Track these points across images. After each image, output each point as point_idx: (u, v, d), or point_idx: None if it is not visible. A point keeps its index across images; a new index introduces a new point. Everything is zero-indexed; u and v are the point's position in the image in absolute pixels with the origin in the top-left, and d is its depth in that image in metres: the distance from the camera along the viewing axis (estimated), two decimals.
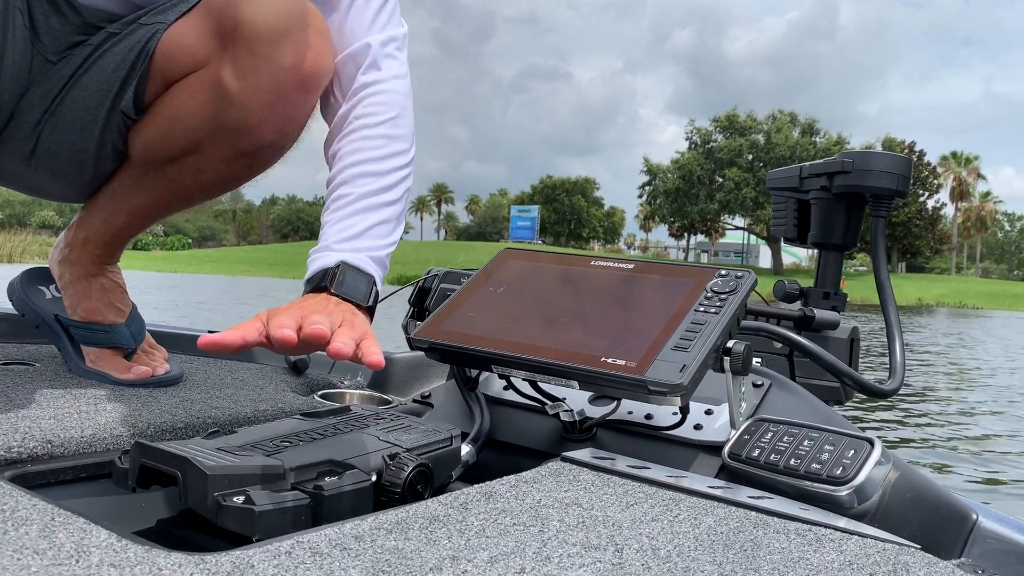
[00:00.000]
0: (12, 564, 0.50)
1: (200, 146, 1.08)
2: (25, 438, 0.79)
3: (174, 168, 1.11)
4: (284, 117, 1.06)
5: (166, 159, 1.11)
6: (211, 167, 1.11)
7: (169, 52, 1.04)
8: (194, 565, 0.52)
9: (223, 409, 1.00)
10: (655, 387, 0.80)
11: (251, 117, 1.04)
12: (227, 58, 1.02)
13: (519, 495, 0.71)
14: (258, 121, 1.05)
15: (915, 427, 4.91)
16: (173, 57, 1.04)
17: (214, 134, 1.06)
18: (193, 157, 1.10)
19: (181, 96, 1.06)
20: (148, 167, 1.12)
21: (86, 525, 0.57)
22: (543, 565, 0.56)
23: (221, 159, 1.10)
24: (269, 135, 1.07)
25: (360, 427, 0.84)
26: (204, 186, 1.14)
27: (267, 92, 1.03)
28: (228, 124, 1.04)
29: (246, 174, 1.15)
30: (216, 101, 1.04)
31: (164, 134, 1.08)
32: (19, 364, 1.14)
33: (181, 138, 1.07)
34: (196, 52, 1.04)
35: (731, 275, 0.92)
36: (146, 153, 1.10)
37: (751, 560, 0.59)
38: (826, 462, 0.77)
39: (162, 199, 1.14)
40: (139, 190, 1.13)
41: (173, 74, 1.06)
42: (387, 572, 0.53)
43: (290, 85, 1.03)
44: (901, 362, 1.23)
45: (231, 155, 1.09)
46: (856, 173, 1.33)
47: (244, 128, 1.05)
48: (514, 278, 1.03)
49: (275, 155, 1.13)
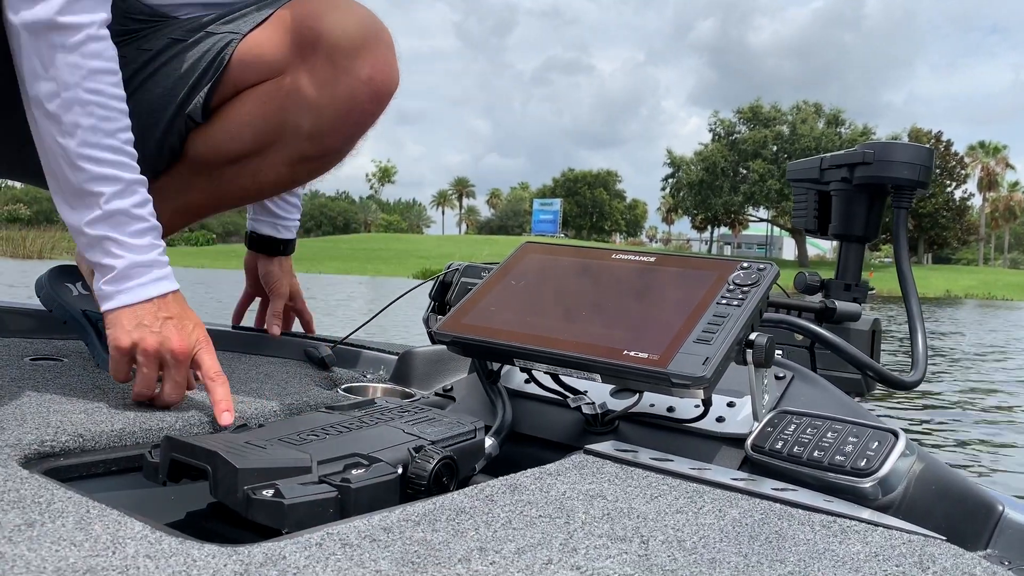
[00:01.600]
0: (51, 555, 0.51)
1: (265, 150, 1.14)
2: (57, 432, 0.80)
3: (232, 169, 1.16)
4: (355, 126, 1.13)
5: (227, 160, 1.15)
6: (272, 170, 1.16)
7: (245, 60, 1.09)
8: (227, 556, 0.53)
9: (249, 403, 1.01)
10: (678, 380, 0.80)
11: (324, 124, 1.10)
12: (305, 68, 1.09)
13: (544, 487, 0.71)
14: (330, 128, 1.11)
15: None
16: (249, 64, 1.10)
17: (283, 139, 1.12)
18: (255, 160, 1.15)
19: (255, 101, 1.12)
20: (204, 167, 1.17)
21: (121, 517, 0.59)
22: (570, 556, 0.57)
23: (284, 163, 1.15)
24: (338, 142, 1.14)
25: (385, 420, 0.84)
26: (261, 187, 1.20)
27: (343, 101, 1.10)
28: (300, 130, 1.10)
29: (304, 178, 1.22)
30: (291, 108, 1.10)
31: (232, 137, 1.13)
32: (48, 360, 1.16)
33: (249, 141, 1.13)
34: (273, 61, 1.10)
35: (753, 267, 0.92)
36: (208, 154, 1.15)
37: (777, 552, 0.60)
38: (850, 454, 0.77)
39: (212, 198, 1.18)
40: (189, 189, 1.17)
41: (246, 81, 1.12)
42: (416, 563, 0.54)
43: (364, 96, 1.10)
44: (923, 354, 1.22)
45: (295, 159, 1.15)
46: (877, 164, 1.32)
47: (316, 135, 1.11)
48: (535, 271, 1.04)
49: (335, 161, 1.20)
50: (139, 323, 0.94)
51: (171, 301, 0.97)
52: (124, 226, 0.95)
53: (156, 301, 0.95)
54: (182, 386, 0.95)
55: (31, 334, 1.35)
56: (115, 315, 0.95)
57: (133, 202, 0.96)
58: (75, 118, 0.92)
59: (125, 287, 0.95)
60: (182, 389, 0.95)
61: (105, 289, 0.95)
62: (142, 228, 0.96)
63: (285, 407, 1.03)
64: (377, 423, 0.83)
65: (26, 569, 0.49)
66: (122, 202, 0.94)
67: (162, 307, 0.95)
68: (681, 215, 73.10)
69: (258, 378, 1.18)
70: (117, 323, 0.94)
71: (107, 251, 0.95)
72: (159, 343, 0.93)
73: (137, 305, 0.94)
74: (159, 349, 0.93)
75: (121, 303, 0.94)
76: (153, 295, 0.95)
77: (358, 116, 1.13)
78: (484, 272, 1.31)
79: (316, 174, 1.22)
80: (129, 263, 0.95)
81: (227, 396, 0.93)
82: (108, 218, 0.94)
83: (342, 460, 0.73)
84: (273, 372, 1.23)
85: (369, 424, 0.83)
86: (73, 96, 0.92)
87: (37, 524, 0.56)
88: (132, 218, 0.95)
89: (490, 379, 1.06)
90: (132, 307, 0.94)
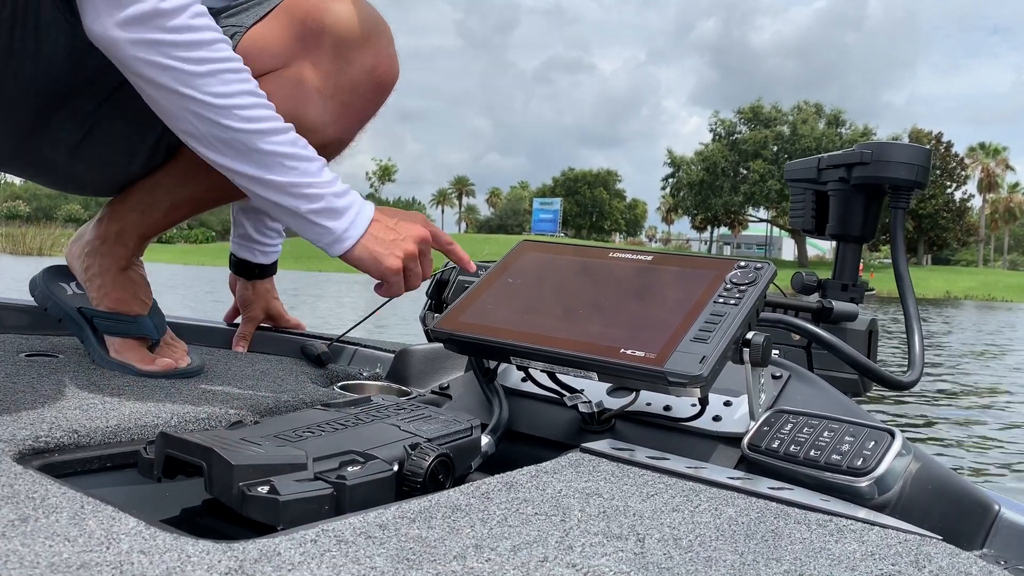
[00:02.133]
0: (45, 551, 0.51)
1: None
2: (52, 428, 0.80)
3: None
4: (357, 117, 1.16)
5: None
6: None
7: (250, 53, 1.09)
8: (222, 552, 0.52)
9: (245, 400, 1.01)
10: (675, 378, 0.80)
11: (328, 115, 1.13)
12: (310, 60, 1.11)
13: (540, 485, 0.71)
14: (334, 119, 1.14)
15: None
16: (253, 57, 1.10)
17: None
18: None
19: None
20: (205, 160, 1.16)
21: (115, 513, 0.58)
22: (566, 554, 0.56)
23: None
24: (340, 132, 1.16)
25: (381, 417, 0.84)
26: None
27: (346, 92, 1.13)
28: (304, 121, 1.11)
29: None
30: (295, 98, 1.11)
31: None
32: (43, 356, 1.15)
33: None
34: (278, 53, 1.12)
35: (750, 266, 0.92)
36: None
37: (772, 550, 0.60)
38: (846, 453, 0.77)
39: (211, 191, 1.19)
40: (187, 183, 1.18)
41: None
42: (412, 560, 0.54)
43: (368, 87, 1.14)
44: (920, 354, 1.22)
45: None
46: (875, 164, 1.32)
47: (319, 125, 1.13)
48: (532, 270, 1.03)
49: (336, 152, 1.22)
50: (390, 240, 1.03)
51: (380, 211, 1.05)
52: (322, 173, 1.00)
53: (376, 217, 1.04)
54: (431, 262, 1.10)
55: (27, 330, 1.35)
56: (363, 248, 1.02)
57: (311, 152, 1.01)
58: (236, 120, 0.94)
59: (348, 223, 1.01)
60: (431, 264, 1.10)
61: (335, 229, 1.00)
62: (321, 165, 1.01)
63: (281, 404, 1.02)
64: (373, 420, 0.83)
65: (20, 564, 0.49)
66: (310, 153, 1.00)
67: (382, 219, 1.04)
68: (681, 215, 73.09)
69: (254, 375, 1.18)
70: (373, 254, 1.02)
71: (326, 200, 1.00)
72: (414, 242, 1.05)
73: (370, 229, 1.02)
74: (416, 248, 1.05)
75: (357, 235, 1.01)
76: (371, 215, 1.03)
77: (361, 107, 1.16)
78: (482, 270, 1.31)
79: None
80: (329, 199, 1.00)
81: (465, 254, 1.13)
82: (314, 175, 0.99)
83: (338, 457, 0.73)
84: (269, 369, 1.23)
85: (365, 421, 0.83)
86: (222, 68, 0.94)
87: (31, 519, 0.56)
88: (316, 163, 1.00)
89: (487, 377, 1.06)
90: (370, 234, 1.02)
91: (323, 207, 0.99)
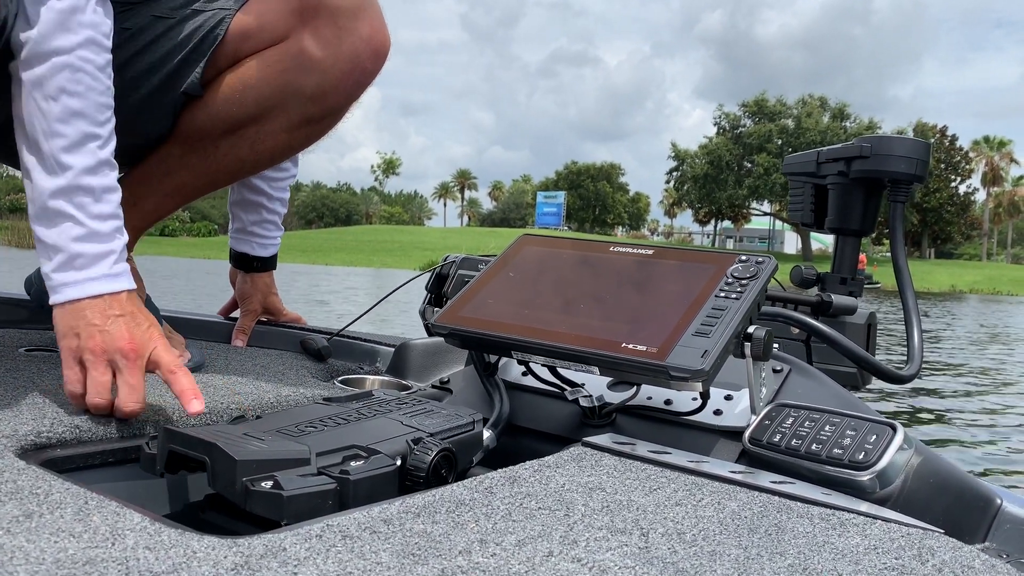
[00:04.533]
0: (50, 546, 0.51)
1: (266, 115, 1.18)
2: (54, 423, 0.80)
3: (229, 141, 1.19)
4: (356, 84, 1.20)
5: (225, 130, 1.18)
6: (271, 137, 1.20)
7: (247, 30, 1.14)
8: (227, 548, 0.52)
9: (246, 395, 1.01)
10: (677, 373, 0.80)
11: (328, 83, 1.16)
12: (308, 31, 1.14)
13: (543, 479, 0.71)
14: (334, 86, 1.17)
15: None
16: (251, 35, 1.15)
17: (285, 102, 1.17)
18: (253, 128, 1.19)
19: (258, 66, 1.16)
20: (199, 142, 1.19)
21: (119, 508, 0.58)
22: (571, 548, 0.57)
23: (284, 128, 1.20)
24: (341, 99, 1.20)
25: (383, 412, 0.84)
26: (258, 157, 1.23)
27: (346, 60, 1.16)
28: (304, 91, 1.16)
29: (301, 144, 1.26)
30: (296, 69, 1.15)
31: (233, 103, 1.17)
32: (43, 351, 1.15)
33: (251, 106, 1.17)
34: (276, 28, 1.15)
35: (752, 261, 0.92)
36: (206, 124, 1.17)
37: (776, 544, 0.60)
38: (848, 447, 0.77)
39: (205, 176, 1.20)
40: (180, 169, 1.19)
41: (247, 51, 1.16)
42: (417, 555, 0.54)
43: (366, 55, 1.17)
44: (919, 348, 1.23)
45: (296, 123, 1.20)
46: (874, 158, 1.32)
47: (320, 94, 1.17)
48: (533, 264, 1.03)
49: (333, 123, 1.25)
50: (86, 321, 0.86)
51: (124, 299, 0.89)
52: (87, 206, 0.89)
53: (107, 298, 0.88)
54: (137, 390, 0.86)
55: (25, 325, 1.34)
56: (61, 311, 0.88)
57: (103, 185, 0.91)
58: (61, 83, 0.89)
59: (75, 277, 0.88)
60: (137, 393, 0.85)
61: (54, 279, 0.88)
62: (106, 213, 0.91)
63: (282, 398, 1.02)
64: (375, 415, 0.83)
65: (25, 560, 0.49)
66: (92, 179, 0.90)
67: (113, 304, 0.88)
68: (684, 208, 72.89)
69: (254, 369, 1.18)
70: (64, 321, 0.87)
71: (62, 230, 0.88)
72: (105, 342, 0.85)
73: (85, 300, 0.87)
74: (106, 348, 0.85)
75: (67, 297, 0.87)
76: (103, 291, 0.88)
77: (359, 75, 1.19)
78: (481, 264, 1.31)
79: (312, 139, 1.26)
80: (83, 249, 0.88)
81: (192, 385, 0.86)
82: (72, 192, 0.88)
83: (341, 452, 0.73)
84: (270, 364, 1.23)
85: (367, 416, 0.83)
86: (64, 61, 0.89)
87: (35, 515, 0.56)
88: (97, 200, 0.90)
89: (487, 371, 1.06)
90: (80, 303, 0.87)
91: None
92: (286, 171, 1.51)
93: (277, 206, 1.51)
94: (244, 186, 1.48)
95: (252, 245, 1.50)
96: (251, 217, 1.49)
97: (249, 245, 1.50)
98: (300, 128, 1.21)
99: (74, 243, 0.88)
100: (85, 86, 0.91)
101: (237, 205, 1.50)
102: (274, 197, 1.50)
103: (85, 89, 0.91)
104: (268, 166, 1.32)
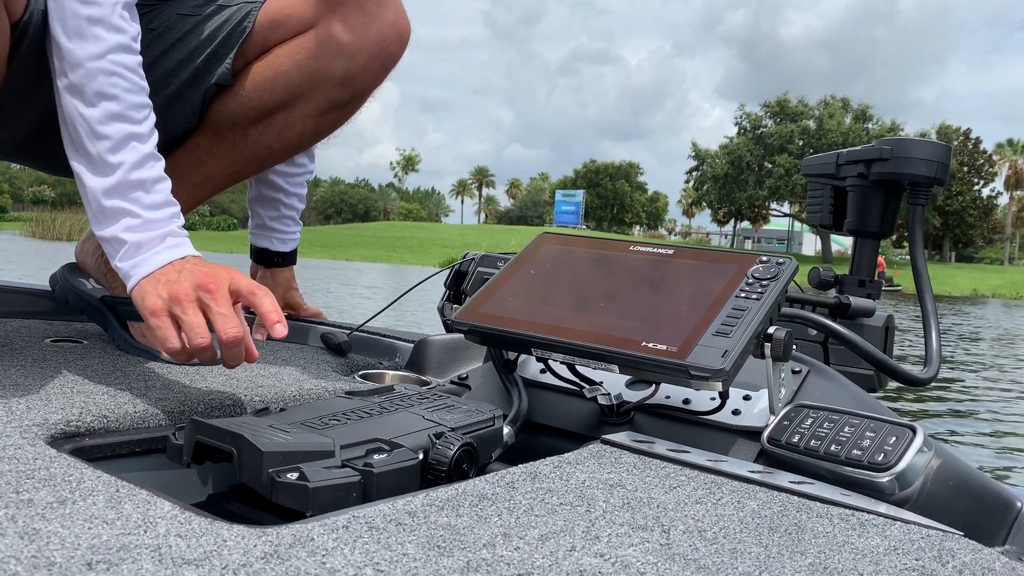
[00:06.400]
0: (85, 533, 0.52)
1: (294, 101, 1.23)
2: (82, 413, 0.81)
3: (257, 129, 1.23)
4: (382, 67, 1.26)
5: (255, 118, 1.22)
6: (298, 123, 1.25)
7: (276, 20, 1.20)
8: (256, 537, 0.53)
9: (269, 387, 1.02)
10: (697, 372, 0.81)
11: (356, 66, 1.23)
12: (337, 17, 1.20)
13: (563, 476, 0.72)
14: (362, 70, 1.23)
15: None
16: (280, 24, 1.21)
17: (314, 88, 1.22)
18: (281, 115, 1.23)
19: (287, 54, 1.21)
20: (228, 132, 1.23)
21: (150, 497, 0.59)
22: (592, 544, 0.57)
23: (312, 114, 1.25)
24: (367, 83, 1.26)
25: (405, 406, 0.85)
26: (286, 144, 1.27)
27: (374, 44, 1.22)
28: (333, 76, 1.22)
29: (328, 129, 1.30)
30: (325, 55, 1.21)
31: (264, 90, 1.21)
32: (69, 342, 1.17)
33: (281, 93, 1.22)
34: (304, 16, 1.21)
35: (772, 261, 0.92)
36: (237, 112, 1.21)
37: (797, 543, 0.60)
38: (867, 448, 0.78)
39: (233, 165, 1.24)
40: (209, 159, 1.23)
41: (276, 39, 1.22)
42: (442, 547, 0.54)
43: (391, 39, 1.23)
44: (937, 350, 1.23)
45: (324, 108, 1.25)
46: (894, 160, 1.32)
47: (348, 78, 1.23)
48: (552, 262, 1.04)
49: (358, 106, 1.30)
50: (164, 281, 0.90)
51: (191, 261, 0.93)
52: (141, 199, 0.94)
53: (175, 263, 0.92)
54: (234, 318, 0.88)
55: (50, 316, 1.36)
56: (138, 288, 0.92)
57: (152, 176, 0.96)
58: (98, 87, 0.93)
59: (141, 258, 0.93)
60: (233, 320, 0.88)
61: (123, 267, 0.94)
62: (159, 202, 0.96)
63: (304, 392, 1.03)
64: (397, 409, 0.84)
65: (61, 546, 0.50)
66: (140, 173, 0.95)
67: (182, 265, 0.93)
68: (702, 208, 72.49)
69: (276, 363, 1.19)
70: (143, 293, 0.91)
71: (121, 224, 0.94)
72: (189, 285, 0.89)
73: (157, 271, 0.92)
74: (190, 291, 0.88)
75: (141, 274, 0.92)
76: (172, 259, 0.93)
77: (385, 58, 1.24)
78: (500, 262, 1.32)
79: (338, 124, 1.31)
80: (143, 236, 0.93)
81: (275, 306, 0.89)
82: (124, 188, 0.94)
83: (364, 445, 0.74)
84: (291, 358, 1.24)
85: (389, 410, 0.84)
86: (97, 67, 0.93)
87: (69, 502, 0.57)
88: (148, 192, 0.95)
89: (506, 368, 1.07)
90: (152, 274, 0.92)
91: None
92: (302, 166, 1.53)
93: (294, 201, 1.53)
94: (261, 183, 1.50)
95: (272, 240, 1.52)
96: (269, 213, 1.51)
97: (269, 240, 1.52)
98: (327, 113, 1.26)
99: (134, 233, 0.94)
100: (121, 88, 0.95)
101: (255, 202, 1.52)
102: (291, 192, 1.52)
103: (121, 92, 0.95)
104: (295, 153, 1.35)
